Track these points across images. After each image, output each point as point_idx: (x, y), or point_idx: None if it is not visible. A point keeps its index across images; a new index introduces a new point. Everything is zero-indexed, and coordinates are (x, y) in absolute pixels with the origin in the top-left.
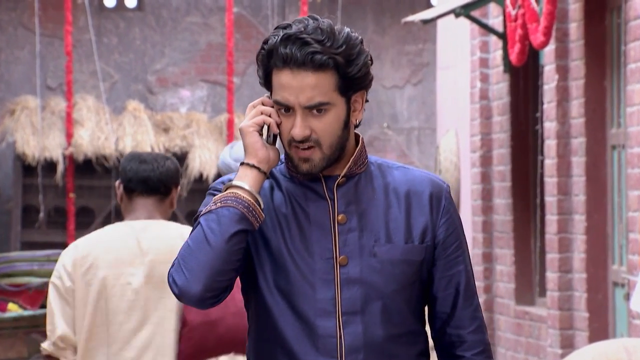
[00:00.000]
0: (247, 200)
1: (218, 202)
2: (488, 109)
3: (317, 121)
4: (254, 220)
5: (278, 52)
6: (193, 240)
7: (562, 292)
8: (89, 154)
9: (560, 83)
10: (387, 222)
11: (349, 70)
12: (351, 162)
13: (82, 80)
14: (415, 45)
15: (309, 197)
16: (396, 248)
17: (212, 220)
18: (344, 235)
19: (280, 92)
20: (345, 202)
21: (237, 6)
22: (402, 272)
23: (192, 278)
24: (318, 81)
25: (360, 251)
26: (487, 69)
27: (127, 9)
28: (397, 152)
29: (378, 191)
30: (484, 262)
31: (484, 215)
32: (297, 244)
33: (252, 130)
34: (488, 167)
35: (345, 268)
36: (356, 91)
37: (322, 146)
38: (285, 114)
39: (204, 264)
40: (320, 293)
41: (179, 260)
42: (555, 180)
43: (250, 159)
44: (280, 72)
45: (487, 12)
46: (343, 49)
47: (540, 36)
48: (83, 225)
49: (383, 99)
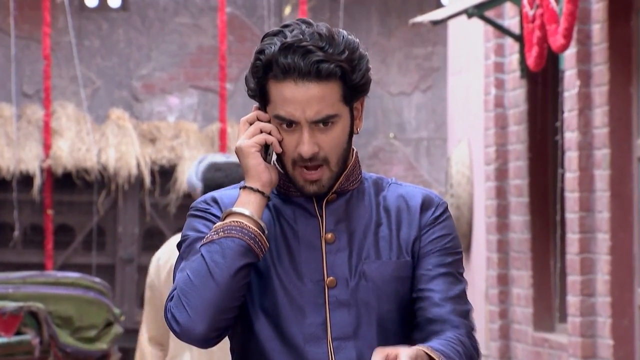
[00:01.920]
0: (253, 231)
1: (220, 232)
2: (503, 117)
3: (324, 136)
4: (259, 252)
5: (278, 63)
6: (195, 274)
7: (584, 318)
8: (69, 166)
9: (582, 89)
10: (377, 240)
11: (354, 78)
12: (343, 178)
13: (61, 86)
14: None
15: (298, 215)
16: (386, 265)
17: (216, 253)
18: (332, 255)
19: (283, 107)
20: (334, 220)
21: (230, 6)
22: (395, 290)
23: (196, 317)
24: (324, 92)
25: (349, 272)
26: (502, 74)
27: (110, 9)
28: (404, 165)
29: (369, 209)
30: (500, 285)
31: (499, 233)
32: (286, 265)
33: (254, 151)
34: (503, 181)
35: (334, 290)
36: (358, 98)
37: (330, 164)
38: (287, 130)
39: (209, 301)
40: (310, 317)
41: (179, 296)
42: (577, 196)
43: (254, 182)
44: (281, 84)
45: (502, 12)
46: (346, 55)
47: (560, 38)
48: (62, 244)
49: (389, 107)
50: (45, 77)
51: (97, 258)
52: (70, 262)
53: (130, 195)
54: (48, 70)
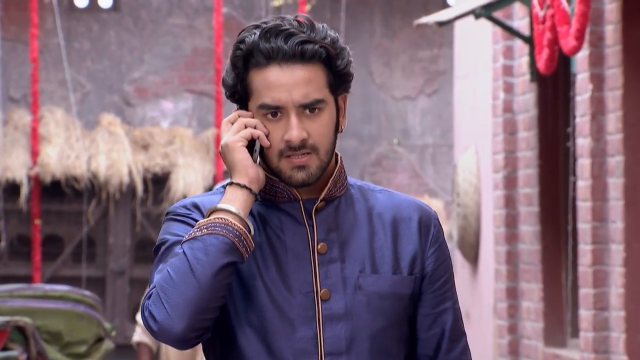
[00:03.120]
0: (238, 228)
1: (204, 228)
2: (512, 123)
3: (312, 122)
4: (244, 251)
5: (260, 48)
6: (176, 271)
7: (597, 333)
8: (58, 174)
9: (594, 94)
10: (373, 250)
11: (338, 64)
12: (330, 184)
13: (49, 90)
14: (429, 50)
15: (285, 223)
16: (383, 279)
17: (199, 250)
18: (324, 266)
19: (268, 93)
20: (325, 229)
21: (226, 6)
22: (390, 306)
23: (175, 315)
24: (310, 75)
25: (343, 284)
26: (511, 78)
27: (101, 10)
28: (408, 173)
29: (360, 216)
30: (508, 299)
31: (508, 244)
32: (273, 276)
33: (240, 146)
34: (513, 189)
35: (328, 303)
36: (342, 91)
37: (319, 152)
38: (273, 120)
39: (189, 299)
40: (300, 331)
41: (158, 293)
42: (589, 205)
43: (241, 178)
44: (264, 70)
45: (511, 12)
46: (329, 40)
47: (572, 40)
48: (50, 256)
49: (393, 112)
50: (33, 80)
51: (87, 270)
52: (59, 274)
53: (121, 204)
54: (36, 73)
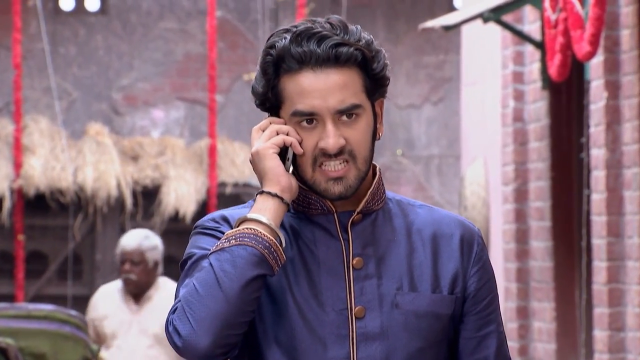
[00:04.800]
0: (268, 239)
1: (232, 239)
2: (523, 133)
3: (349, 129)
4: (274, 264)
5: (292, 53)
6: (202, 284)
7: (612, 354)
8: (42, 187)
9: (609, 102)
10: (411, 267)
11: (374, 67)
12: (369, 196)
13: (33, 98)
14: (435, 56)
15: (318, 236)
16: (422, 298)
17: (226, 261)
18: (360, 282)
19: (301, 100)
20: (361, 243)
21: (220, 9)
22: (428, 326)
23: (200, 330)
24: (346, 79)
25: (379, 301)
26: (521, 85)
27: (88, 13)
28: (413, 185)
29: (399, 232)
30: (519, 319)
31: (518, 261)
32: (305, 292)
33: (272, 152)
34: (523, 203)
35: (362, 321)
36: (378, 96)
37: (357, 160)
38: (308, 127)
39: (215, 313)
40: (332, 351)
41: (182, 306)
42: (605, 220)
43: (272, 186)
44: (296, 76)
45: (521, 16)
46: (364, 42)
47: (586, 45)
48: (34, 273)
49: (396, 121)
50: (16, 88)
51: (73, 288)
52: (44, 293)
53: (109, 219)
54: (19, 80)
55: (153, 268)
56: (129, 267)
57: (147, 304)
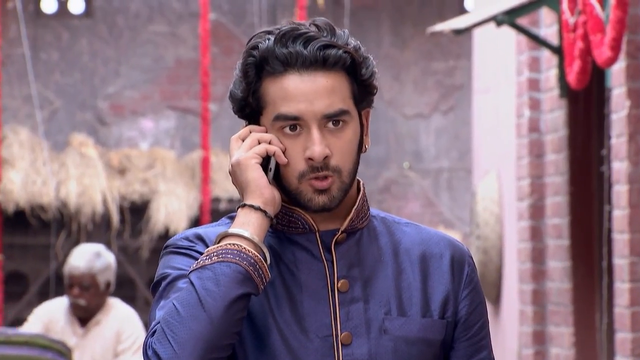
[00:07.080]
0: (253, 255)
1: (214, 256)
2: (539, 144)
3: (335, 139)
4: (259, 282)
5: (276, 54)
6: (182, 304)
7: None
8: (22, 203)
9: (632, 111)
10: (399, 290)
11: (363, 73)
12: (353, 214)
13: (13, 107)
14: (444, 62)
15: (299, 258)
16: (412, 323)
17: (209, 279)
18: (345, 306)
19: (286, 103)
20: (346, 264)
21: (214, 11)
22: (419, 353)
23: (183, 353)
24: (333, 83)
25: (367, 327)
26: (538, 93)
27: (71, 16)
28: (421, 200)
29: (385, 252)
30: (535, 344)
31: (534, 282)
32: (287, 316)
33: (254, 163)
34: (540, 220)
35: (349, 348)
36: (365, 105)
37: (342, 174)
38: (291, 134)
39: (199, 335)
40: None
41: (162, 328)
42: (627, 238)
43: (255, 199)
44: (280, 79)
45: (537, 19)
46: (352, 46)
47: (607, 50)
48: (13, 295)
49: (403, 132)
50: None
51: None
52: (24, 316)
53: (94, 237)
54: None
55: (105, 291)
56: (77, 292)
57: (94, 328)
